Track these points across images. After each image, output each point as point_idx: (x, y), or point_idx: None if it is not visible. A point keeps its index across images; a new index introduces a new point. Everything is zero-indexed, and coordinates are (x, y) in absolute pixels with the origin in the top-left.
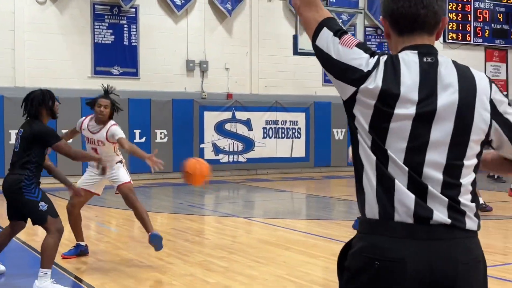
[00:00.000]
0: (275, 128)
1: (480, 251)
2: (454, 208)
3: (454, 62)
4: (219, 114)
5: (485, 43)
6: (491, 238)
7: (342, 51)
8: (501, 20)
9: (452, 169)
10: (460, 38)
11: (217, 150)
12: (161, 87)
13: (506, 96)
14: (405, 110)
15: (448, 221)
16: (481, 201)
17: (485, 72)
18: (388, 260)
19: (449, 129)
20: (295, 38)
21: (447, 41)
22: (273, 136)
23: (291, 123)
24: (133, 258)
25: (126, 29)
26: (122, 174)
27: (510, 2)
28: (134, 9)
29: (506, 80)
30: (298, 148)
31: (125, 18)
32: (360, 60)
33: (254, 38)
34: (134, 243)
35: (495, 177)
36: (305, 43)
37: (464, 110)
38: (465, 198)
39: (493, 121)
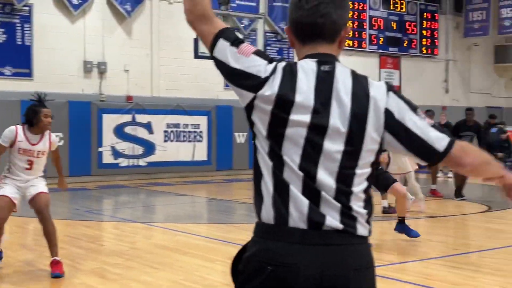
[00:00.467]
0: (176, 131)
1: (371, 257)
2: (346, 214)
3: (353, 72)
4: (118, 117)
5: (380, 50)
6: (387, 239)
7: (240, 59)
8: (394, 28)
9: (345, 177)
10: (356, 45)
11: (116, 154)
12: (56, 88)
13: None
14: (300, 116)
15: (340, 226)
16: (386, 204)
17: (379, 79)
18: (281, 265)
19: (342, 138)
20: (195, 41)
21: (343, 48)
22: (175, 139)
23: (193, 126)
24: (24, 266)
25: (19, 28)
26: (42, 186)
27: (403, 11)
28: (28, 8)
29: (399, 86)
30: (200, 152)
31: (18, 17)
32: (258, 67)
33: (154, 40)
34: (25, 251)
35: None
36: None
37: (357, 120)
38: (357, 205)
39: (386, 132)
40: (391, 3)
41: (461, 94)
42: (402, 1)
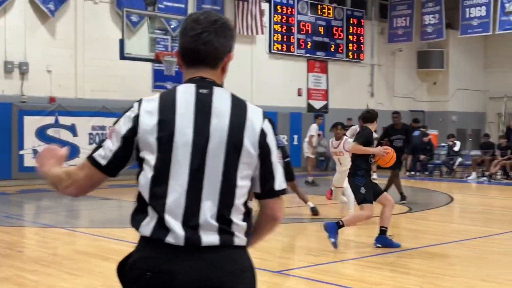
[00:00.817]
0: (102, 134)
1: (248, 262)
2: (224, 230)
3: (232, 95)
4: (40, 119)
5: (307, 55)
6: (309, 241)
7: (110, 143)
8: (321, 33)
9: (226, 193)
10: (285, 49)
11: None
12: None
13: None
14: (183, 137)
15: (217, 242)
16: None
17: (307, 83)
18: (159, 272)
19: (221, 157)
20: (121, 42)
21: (272, 51)
22: None
23: None
24: None
25: None
26: None
27: (330, 16)
28: None
29: (326, 90)
30: None
31: None
32: (125, 124)
33: (79, 41)
34: None
35: (310, 181)
36: (132, 48)
37: (233, 138)
38: (237, 218)
39: (258, 155)
40: (319, 8)
41: (386, 98)
42: (329, 7)
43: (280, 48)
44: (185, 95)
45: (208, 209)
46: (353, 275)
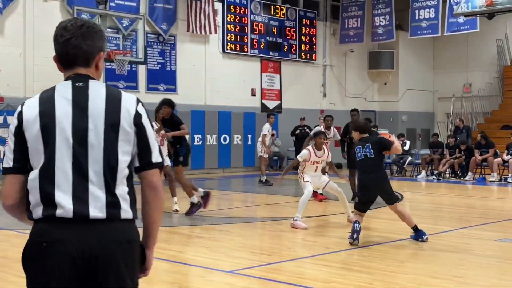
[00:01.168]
0: None
1: (133, 234)
2: (110, 204)
3: (107, 86)
4: None
5: (261, 55)
6: (261, 240)
7: (10, 146)
8: (275, 33)
9: (109, 167)
10: (238, 49)
11: None
12: None
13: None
14: (64, 123)
15: (104, 216)
16: (195, 200)
17: (261, 83)
18: (52, 241)
19: (101, 135)
20: None
21: (226, 51)
22: None
23: None
24: None
25: None
26: None
27: (283, 17)
28: None
29: (279, 90)
30: None
31: None
32: (13, 124)
33: (28, 39)
34: None
35: (264, 180)
36: None
37: (110, 119)
38: (122, 191)
39: (134, 132)
40: (272, 8)
41: (338, 98)
42: (282, 7)
43: (233, 48)
44: (63, 88)
45: (95, 184)
46: (305, 274)
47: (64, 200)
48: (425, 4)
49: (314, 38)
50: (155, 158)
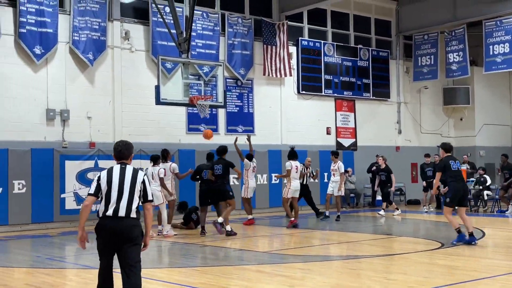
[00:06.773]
0: None
1: (138, 224)
2: (129, 212)
3: (133, 168)
4: (81, 163)
5: (335, 94)
6: (340, 279)
7: (93, 186)
8: (348, 73)
9: (130, 201)
10: (313, 89)
11: (79, 199)
12: (18, 136)
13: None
14: (115, 181)
15: (124, 215)
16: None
17: (336, 121)
18: (104, 224)
19: (128, 187)
20: (157, 88)
21: (300, 92)
22: None
23: None
24: None
25: None
26: None
27: (356, 57)
28: None
29: (354, 128)
30: None
31: None
32: (95, 181)
33: (117, 88)
34: None
35: (336, 217)
36: (167, 93)
37: (133, 182)
38: (134, 209)
39: (141, 187)
40: (345, 49)
41: (413, 134)
42: (355, 48)
43: (308, 89)
44: (116, 167)
45: (123, 205)
46: None
47: (111, 209)
48: (499, 39)
49: (387, 76)
50: (149, 197)
